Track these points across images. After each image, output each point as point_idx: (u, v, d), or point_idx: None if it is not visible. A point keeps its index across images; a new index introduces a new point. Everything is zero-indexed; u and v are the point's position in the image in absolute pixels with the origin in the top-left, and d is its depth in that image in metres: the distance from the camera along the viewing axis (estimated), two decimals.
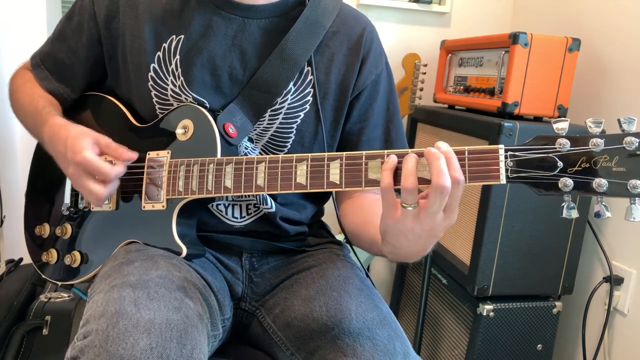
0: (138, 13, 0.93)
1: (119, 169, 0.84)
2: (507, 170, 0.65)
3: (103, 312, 0.68)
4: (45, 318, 1.28)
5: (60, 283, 0.97)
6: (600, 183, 0.60)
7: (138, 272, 0.77)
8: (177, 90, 0.92)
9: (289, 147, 0.95)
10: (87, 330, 0.68)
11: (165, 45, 0.92)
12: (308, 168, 0.76)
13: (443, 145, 0.66)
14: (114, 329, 0.66)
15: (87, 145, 0.83)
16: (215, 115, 0.89)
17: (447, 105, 1.75)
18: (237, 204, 0.96)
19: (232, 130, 0.89)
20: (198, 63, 0.91)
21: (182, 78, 0.91)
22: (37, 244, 1.02)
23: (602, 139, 0.60)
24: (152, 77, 0.92)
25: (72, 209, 0.97)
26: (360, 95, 0.97)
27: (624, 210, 0.60)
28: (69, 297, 1.35)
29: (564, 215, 0.64)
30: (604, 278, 1.48)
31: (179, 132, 0.89)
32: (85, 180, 0.83)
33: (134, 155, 0.87)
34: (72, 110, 1.02)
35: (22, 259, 1.49)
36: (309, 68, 0.93)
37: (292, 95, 0.93)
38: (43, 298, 1.33)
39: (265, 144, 0.95)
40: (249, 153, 0.95)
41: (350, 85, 0.96)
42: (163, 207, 0.87)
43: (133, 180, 0.91)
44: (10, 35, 1.58)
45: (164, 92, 0.92)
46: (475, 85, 1.58)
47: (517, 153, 0.65)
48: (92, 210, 0.95)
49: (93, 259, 0.93)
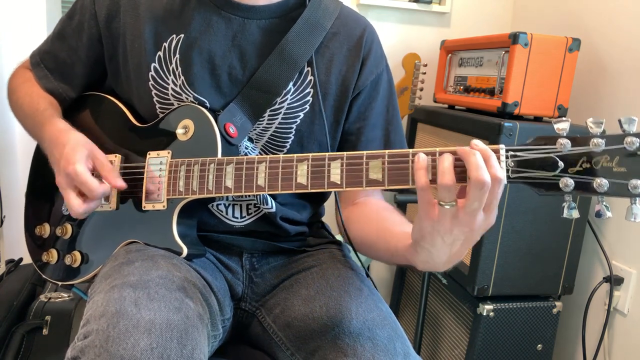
0: (139, 13, 0.93)
1: (105, 188, 0.84)
2: (508, 171, 0.65)
3: (103, 312, 0.68)
4: (45, 318, 1.28)
5: (61, 283, 0.97)
6: (601, 183, 0.60)
7: (138, 272, 0.76)
8: (177, 90, 0.92)
9: (289, 147, 0.95)
10: (87, 330, 0.68)
11: (166, 45, 0.92)
12: (309, 168, 0.76)
13: (479, 144, 0.65)
14: (115, 329, 0.65)
15: (80, 158, 0.83)
16: (216, 115, 0.89)
17: (447, 105, 1.75)
18: (237, 204, 0.96)
19: (232, 130, 0.89)
20: (198, 62, 0.91)
21: (182, 77, 0.91)
22: (37, 244, 1.02)
23: (602, 139, 0.60)
24: (152, 76, 0.92)
25: None
26: (360, 95, 0.97)
27: (625, 210, 0.60)
28: (69, 297, 1.35)
29: (565, 215, 0.64)
30: (604, 278, 1.48)
31: (180, 132, 0.89)
32: (69, 192, 0.83)
33: (123, 185, 0.86)
34: (72, 110, 1.02)
35: (22, 259, 1.48)
36: (309, 68, 0.93)
37: (291, 96, 0.93)
38: (43, 298, 1.33)
39: (265, 144, 0.95)
40: (249, 153, 0.95)
41: (351, 86, 0.96)
42: (163, 207, 0.87)
43: (133, 180, 0.91)
44: (10, 35, 1.58)
45: (165, 91, 0.92)
46: (475, 85, 1.58)
47: (518, 153, 0.65)
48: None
49: (93, 259, 0.93)
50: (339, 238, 1.08)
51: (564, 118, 0.64)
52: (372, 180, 0.72)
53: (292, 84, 0.93)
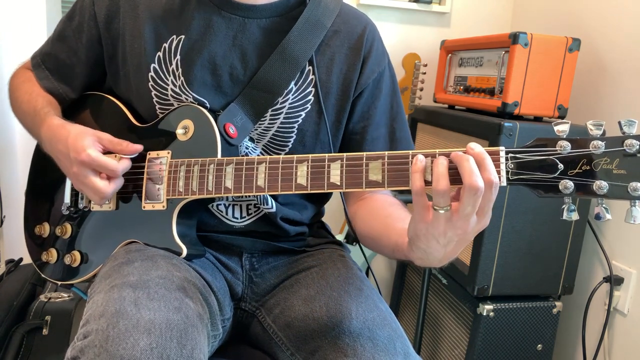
0: (138, 13, 0.93)
1: (126, 163, 0.86)
2: (507, 172, 0.65)
3: (103, 312, 0.69)
4: (45, 318, 1.28)
5: (60, 283, 0.97)
6: (601, 185, 0.60)
7: (138, 272, 0.77)
8: (177, 90, 0.92)
9: (290, 146, 0.95)
10: (87, 330, 0.68)
11: (166, 45, 0.92)
12: (308, 169, 0.76)
13: (476, 147, 0.65)
14: (114, 329, 0.66)
15: (89, 144, 0.84)
16: (216, 116, 0.89)
17: (447, 105, 1.75)
18: (237, 204, 0.96)
19: (232, 131, 0.89)
20: (198, 63, 0.91)
21: (182, 78, 0.91)
22: (36, 244, 1.02)
23: (602, 142, 0.60)
24: (152, 77, 0.92)
25: (72, 209, 0.97)
26: (363, 94, 0.97)
27: (624, 211, 0.61)
28: (69, 297, 1.35)
29: (564, 218, 0.64)
30: (604, 278, 1.48)
31: (180, 132, 0.89)
32: (91, 178, 0.84)
33: (139, 147, 0.88)
34: (72, 110, 1.02)
35: (22, 259, 1.49)
36: (310, 67, 0.93)
37: (293, 95, 0.93)
38: (43, 298, 1.33)
39: (267, 144, 0.95)
40: (250, 153, 0.95)
41: (352, 85, 0.96)
42: (163, 207, 0.87)
43: (133, 180, 0.91)
44: (10, 35, 1.58)
45: (164, 92, 0.92)
46: (475, 85, 1.58)
47: (517, 155, 0.65)
48: (92, 210, 0.95)
49: (93, 259, 0.93)
50: (339, 238, 1.08)
51: (564, 120, 0.64)
52: (371, 182, 0.72)
53: (293, 84, 0.92)
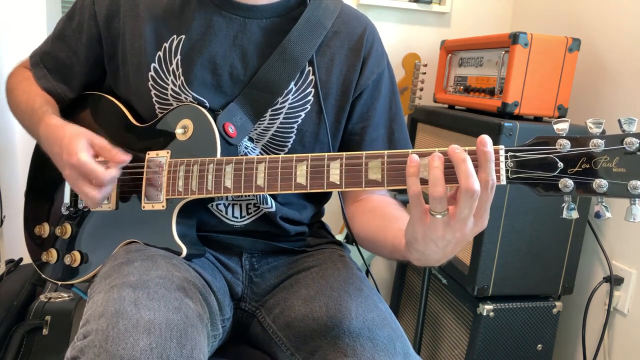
0: (139, 13, 0.93)
1: (113, 173, 0.83)
2: (507, 171, 0.65)
3: (103, 312, 0.68)
4: (45, 318, 1.28)
5: (60, 283, 0.97)
6: (601, 184, 0.60)
7: (138, 272, 0.76)
8: (177, 90, 0.92)
9: (290, 146, 0.95)
10: (87, 330, 0.68)
11: (166, 45, 0.92)
12: (308, 168, 0.76)
13: (487, 144, 0.62)
14: (114, 329, 0.65)
15: (82, 147, 0.82)
16: (215, 115, 0.89)
17: (447, 105, 1.75)
18: (237, 204, 0.96)
19: (231, 130, 0.89)
20: (199, 63, 0.91)
21: (182, 78, 0.91)
22: (36, 244, 1.01)
23: (602, 140, 0.60)
24: (152, 76, 0.92)
25: (71, 209, 0.97)
26: (362, 95, 0.97)
27: (624, 211, 0.60)
28: (69, 297, 1.35)
29: (564, 216, 0.64)
30: (604, 278, 1.48)
31: (179, 131, 0.89)
32: (81, 183, 0.83)
33: (127, 158, 0.84)
34: (71, 110, 1.02)
35: (22, 259, 1.49)
36: (310, 68, 0.93)
37: (293, 95, 0.93)
38: (43, 298, 1.33)
39: (266, 144, 0.95)
40: (249, 153, 0.95)
41: (352, 85, 0.96)
42: (163, 207, 0.87)
43: (133, 180, 0.91)
44: (10, 35, 1.58)
45: (164, 91, 0.92)
46: (475, 85, 1.57)
47: (517, 154, 0.65)
48: (92, 210, 0.95)
49: (93, 259, 0.93)
50: (339, 238, 1.08)
51: (564, 118, 0.64)
52: (371, 181, 0.72)
53: (293, 84, 0.92)
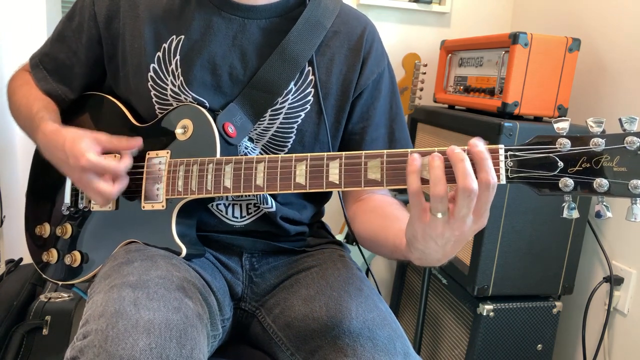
0: (138, 13, 0.93)
1: (127, 162, 0.85)
2: (507, 171, 0.65)
3: (102, 312, 0.68)
4: (45, 318, 1.28)
5: (61, 283, 0.97)
6: (601, 183, 0.60)
7: (138, 272, 0.76)
8: (176, 90, 0.91)
9: (290, 147, 0.95)
10: (86, 330, 0.68)
11: (165, 46, 0.92)
12: (307, 168, 0.76)
13: (478, 145, 0.63)
14: (114, 329, 0.65)
15: (87, 147, 0.82)
16: (215, 115, 0.89)
17: (447, 105, 1.75)
18: (237, 204, 0.95)
19: (231, 130, 0.89)
20: (198, 63, 0.91)
21: (181, 78, 0.91)
22: (37, 244, 1.01)
23: (602, 139, 0.60)
24: (151, 77, 0.92)
25: (72, 209, 0.97)
26: (362, 95, 0.97)
27: (625, 210, 0.60)
28: (69, 297, 1.35)
29: (565, 216, 0.64)
30: (604, 278, 1.48)
31: (179, 131, 0.89)
32: (95, 183, 0.83)
33: (139, 141, 0.87)
34: (71, 110, 1.02)
35: (22, 259, 1.49)
36: (310, 68, 0.93)
37: (292, 95, 0.93)
38: (43, 298, 1.33)
39: (266, 144, 0.95)
40: (249, 153, 0.95)
41: (352, 85, 0.96)
42: (162, 207, 0.87)
43: (133, 180, 0.90)
44: (10, 35, 1.58)
45: (164, 92, 0.92)
46: (475, 85, 1.57)
47: (517, 153, 0.64)
48: (92, 210, 0.95)
49: (93, 259, 0.93)
50: (339, 238, 1.08)
51: (564, 117, 0.64)
52: (370, 180, 0.72)
53: (293, 84, 0.92)
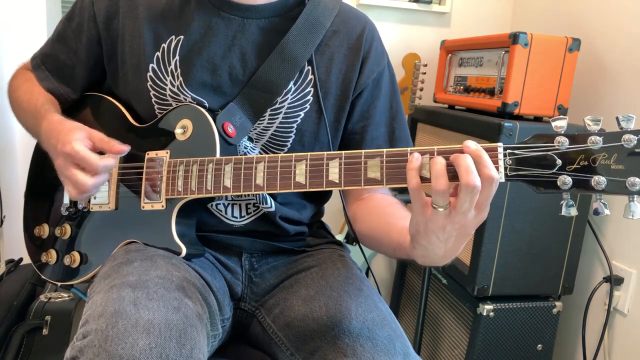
0: (137, 13, 0.93)
1: (108, 162, 0.82)
2: (506, 169, 0.65)
3: (102, 312, 0.68)
4: (45, 318, 1.28)
5: (60, 283, 0.97)
6: (599, 181, 0.60)
7: (137, 272, 0.76)
8: (175, 91, 0.92)
9: (289, 146, 0.95)
10: (86, 330, 0.68)
11: (165, 46, 0.92)
12: (307, 167, 0.76)
13: (471, 144, 0.64)
14: (113, 329, 0.65)
15: (77, 138, 0.82)
16: (215, 115, 0.89)
17: (447, 105, 1.75)
18: (236, 204, 0.96)
19: (231, 130, 0.89)
20: (198, 63, 0.91)
21: (181, 78, 0.91)
22: (36, 245, 1.01)
23: (600, 137, 0.60)
24: (150, 77, 0.92)
25: (71, 209, 0.97)
26: (362, 94, 0.97)
27: (623, 209, 0.60)
28: (69, 297, 1.35)
29: (563, 213, 0.64)
30: (604, 278, 1.48)
31: (178, 131, 0.89)
32: (72, 170, 0.81)
33: (126, 148, 0.84)
34: (71, 110, 1.02)
35: (22, 259, 1.49)
36: (309, 67, 0.93)
37: (292, 95, 0.93)
38: (43, 298, 1.33)
39: (265, 144, 0.95)
40: (249, 152, 0.95)
41: (352, 85, 0.96)
42: (162, 207, 0.87)
43: (132, 180, 0.91)
44: (10, 35, 1.58)
45: (163, 92, 0.92)
46: (475, 85, 1.58)
47: (516, 151, 0.65)
48: (91, 211, 0.95)
49: (92, 259, 0.93)
50: (339, 238, 1.08)
51: (562, 116, 0.64)
52: (370, 179, 0.72)
53: (292, 83, 0.93)
